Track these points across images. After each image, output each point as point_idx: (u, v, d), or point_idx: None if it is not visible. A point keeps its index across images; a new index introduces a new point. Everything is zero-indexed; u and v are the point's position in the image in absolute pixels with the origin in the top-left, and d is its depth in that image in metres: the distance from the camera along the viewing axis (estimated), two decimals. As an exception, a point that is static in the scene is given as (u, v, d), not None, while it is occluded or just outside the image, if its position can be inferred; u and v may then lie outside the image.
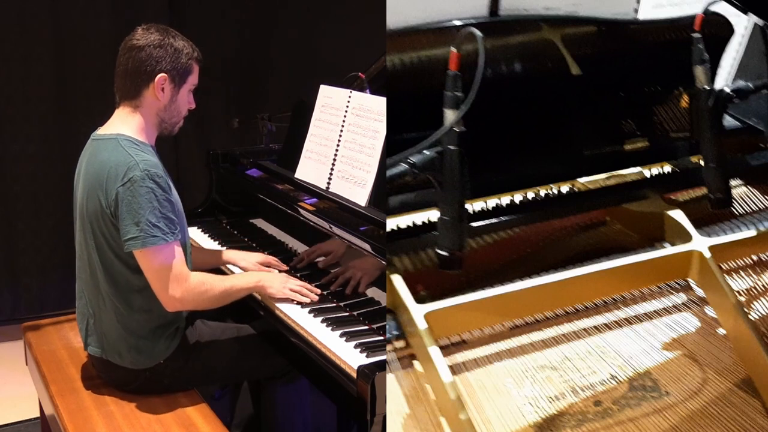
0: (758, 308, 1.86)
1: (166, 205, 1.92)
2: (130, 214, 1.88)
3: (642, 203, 1.99)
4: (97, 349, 2.06)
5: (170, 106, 2.02)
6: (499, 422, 1.60)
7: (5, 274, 3.61)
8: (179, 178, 3.96)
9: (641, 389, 1.70)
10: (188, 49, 2.02)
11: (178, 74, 2.00)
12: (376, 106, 2.26)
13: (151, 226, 1.87)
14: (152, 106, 2.01)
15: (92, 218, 1.97)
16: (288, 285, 2.10)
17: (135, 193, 1.87)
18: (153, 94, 1.99)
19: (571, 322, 1.81)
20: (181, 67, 2.00)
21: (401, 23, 1.77)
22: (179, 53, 1.99)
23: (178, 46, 1.99)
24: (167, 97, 2.00)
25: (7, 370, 3.24)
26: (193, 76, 2.06)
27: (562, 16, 1.93)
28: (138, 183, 1.87)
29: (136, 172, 1.88)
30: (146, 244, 1.88)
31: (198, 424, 1.96)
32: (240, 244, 2.59)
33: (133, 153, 1.92)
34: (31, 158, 3.56)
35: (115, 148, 1.93)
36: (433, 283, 1.76)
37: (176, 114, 2.05)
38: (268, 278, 2.12)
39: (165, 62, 1.97)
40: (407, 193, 1.86)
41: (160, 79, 1.97)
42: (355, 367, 1.74)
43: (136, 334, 2.00)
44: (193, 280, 1.97)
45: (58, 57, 3.54)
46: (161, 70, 1.97)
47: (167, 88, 1.99)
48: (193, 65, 2.04)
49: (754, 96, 1.97)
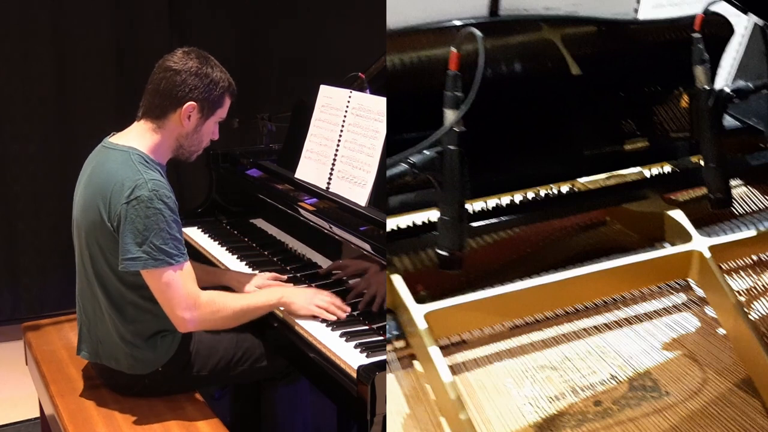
0: (758, 308, 1.86)
1: (174, 226, 1.87)
2: (134, 234, 1.83)
3: (642, 203, 1.99)
4: (91, 355, 2.04)
5: (193, 134, 1.99)
6: (499, 422, 1.60)
7: (5, 274, 3.60)
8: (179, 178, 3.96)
9: (641, 389, 1.70)
10: (224, 82, 1.99)
11: (208, 105, 1.97)
12: (376, 106, 2.26)
13: (155, 249, 1.83)
14: (175, 130, 1.97)
15: (89, 229, 1.93)
16: (315, 301, 2.02)
17: (141, 214, 1.83)
18: (178, 119, 1.95)
19: (571, 322, 1.81)
20: (213, 98, 1.97)
21: (401, 23, 1.77)
22: (214, 85, 1.96)
23: (215, 77, 1.96)
24: (192, 126, 1.97)
25: (7, 370, 3.23)
26: (223, 109, 2.02)
27: (562, 16, 1.93)
28: (145, 203, 1.83)
29: (144, 192, 1.83)
30: (148, 266, 1.84)
31: (198, 424, 1.96)
32: (240, 244, 2.59)
33: (142, 170, 1.87)
34: (31, 158, 3.55)
35: (125, 162, 1.89)
36: (433, 283, 1.76)
37: (197, 143, 2.02)
38: (291, 294, 2.05)
39: (198, 91, 1.94)
40: (407, 193, 1.86)
41: (189, 107, 1.94)
42: (355, 367, 1.74)
43: (131, 343, 1.97)
44: (204, 299, 1.92)
45: (58, 57, 3.54)
46: (192, 99, 1.94)
47: (194, 116, 1.96)
48: (225, 98, 2.01)
49: (754, 96, 1.97)
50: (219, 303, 1.96)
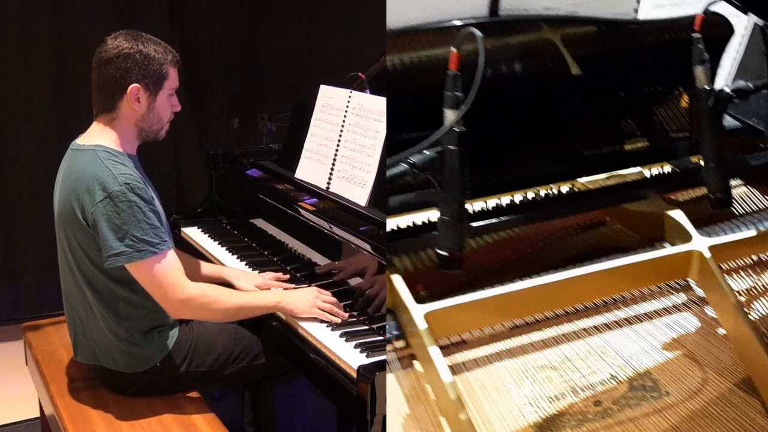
0: (758, 308, 1.86)
1: (152, 215, 1.87)
2: (113, 230, 1.84)
3: (642, 203, 1.99)
4: (87, 358, 2.04)
5: (149, 114, 1.96)
6: (499, 422, 1.60)
7: (5, 274, 3.60)
8: (179, 178, 3.96)
9: (641, 389, 1.70)
10: (160, 54, 1.93)
11: (152, 82, 1.93)
12: (376, 106, 2.26)
13: (137, 241, 1.84)
14: (130, 117, 1.95)
15: (69, 230, 1.94)
16: (316, 303, 2.02)
17: (116, 209, 1.83)
18: (128, 105, 1.93)
19: (571, 322, 1.81)
20: (154, 73, 1.93)
21: (401, 23, 1.77)
22: (150, 60, 1.91)
23: (148, 52, 1.91)
24: (144, 107, 1.94)
25: (7, 370, 3.23)
26: (171, 81, 1.98)
27: (562, 16, 1.93)
28: (119, 198, 1.83)
29: (116, 187, 1.83)
30: (133, 258, 1.85)
31: (198, 424, 1.96)
32: (240, 244, 2.59)
33: (110, 165, 1.87)
34: (31, 158, 3.55)
35: (93, 160, 1.89)
36: (433, 283, 1.76)
37: (157, 121, 1.99)
38: (292, 298, 2.04)
39: (136, 72, 1.90)
40: (407, 193, 1.86)
41: (133, 89, 1.91)
42: (355, 367, 1.74)
43: (127, 340, 1.97)
44: (193, 287, 1.93)
45: (58, 57, 3.54)
46: (133, 81, 1.91)
47: (142, 97, 1.93)
48: (167, 69, 1.96)
49: (754, 96, 1.97)
50: (212, 295, 1.96)
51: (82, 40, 3.57)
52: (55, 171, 3.72)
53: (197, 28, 3.87)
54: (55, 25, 3.51)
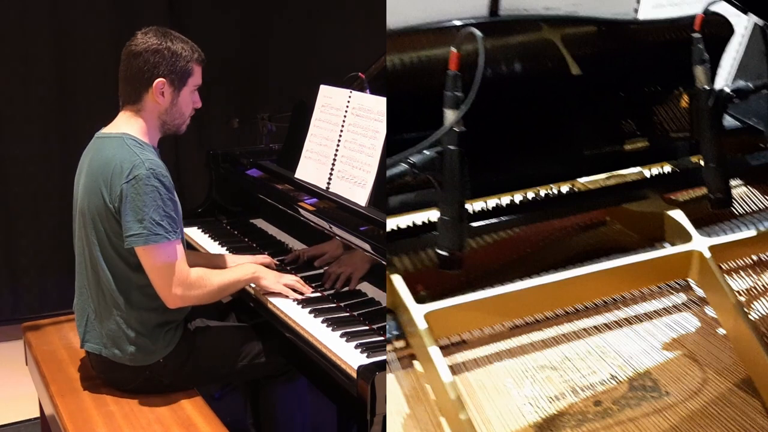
0: (758, 308, 1.86)
1: (170, 204, 1.94)
2: (134, 211, 1.90)
3: (642, 203, 1.99)
4: (95, 346, 2.06)
5: (171, 108, 2.05)
6: (499, 422, 1.60)
7: (5, 274, 3.60)
8: (179, 178, 3.96)
9: (641, 389, 1.70)
10: (187, 52, 2.03)
11: (177, 78, 2.02)
12: (376, 106, 2.26)
13: (154, 224, 1.90)
14: (154, 109, 2.03)
15: (94, 214, 1.98)
16: (282, 280, 2.16)
17: (140, 191, 1.89)
18: (153, 98, 2.01)
19: (571, 322, 1.81)
20: (180, 70, 2.02)
21: (401, 23, 1.77)
22: (177, 57, 2.01)
23: (176, 49, 2.01)
24: (168, 101, 2.03)
25: (7, 370, 3.23)
26: (195, 78, 2.07)
27: (562, 16, 1.93)
28: (143, 181, 1.90)
29: (142, 170, 1.90)
30: (148, 241, 1.90)
31: (198, 424, 1.96)
32: (240, 244, 2.59)
33: (138, 152, 1.95)
34: (31, 158, 3.55)
35: (121, 146, 1.96)
36: (433, 283, 1.76)
37: (179, 116, 2.08)
38: (263, 271, 2.18)
39: (162, 67, 1.99)
40: (407, 193, 1.86)
41: (159, 84, 1.99)
42: (355, 367, 1.74)
43: (136, 330, 2.01)
44: (194, 276, 2.00)
45: (58, 57, 3.54)
46: (159, 75, 1.99)
47: (167, 92, 2.02)
48: (193, 67, 2.05)
49: (754, 96, 1.97)
50: (206, 278, 2.04)
51: (82, 40, 3.57)
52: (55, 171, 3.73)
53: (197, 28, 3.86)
54: (55, 25, 3.51)
